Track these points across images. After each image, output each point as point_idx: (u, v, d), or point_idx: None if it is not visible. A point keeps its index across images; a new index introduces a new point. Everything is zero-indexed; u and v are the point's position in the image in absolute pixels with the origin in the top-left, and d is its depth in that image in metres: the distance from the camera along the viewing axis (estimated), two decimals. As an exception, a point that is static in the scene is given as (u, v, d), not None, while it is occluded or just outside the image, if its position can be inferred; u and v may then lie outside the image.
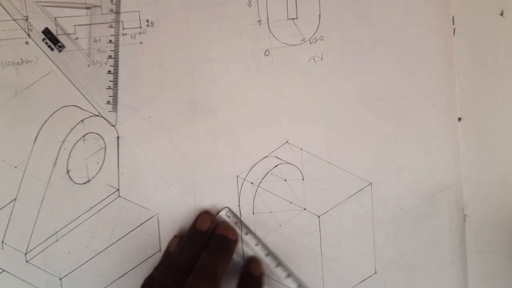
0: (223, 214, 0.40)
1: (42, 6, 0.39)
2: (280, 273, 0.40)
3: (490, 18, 0.39)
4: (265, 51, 0.39)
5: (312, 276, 0.41)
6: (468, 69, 0.39)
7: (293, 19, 0.39)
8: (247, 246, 0.40)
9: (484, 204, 0.40)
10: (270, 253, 0.40)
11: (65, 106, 0.40)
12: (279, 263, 0.40)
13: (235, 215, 0.40)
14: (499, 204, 0.40)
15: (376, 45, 0.39)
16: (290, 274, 0.40)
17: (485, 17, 0.39)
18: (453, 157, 0.40)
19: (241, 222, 0.40)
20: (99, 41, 0.39)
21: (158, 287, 0.35)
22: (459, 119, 0.40)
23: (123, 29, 0.39)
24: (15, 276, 0.40)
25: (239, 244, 0.40)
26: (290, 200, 0.40)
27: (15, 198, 0.40)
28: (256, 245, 0.40)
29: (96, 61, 0.39)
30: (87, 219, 0.40)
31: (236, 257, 0.40)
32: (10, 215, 0.40)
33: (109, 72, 0.39)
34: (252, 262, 0.40)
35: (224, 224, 0.40)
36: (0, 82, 0.39)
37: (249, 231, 0.40)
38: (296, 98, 0.40)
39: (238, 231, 0.40)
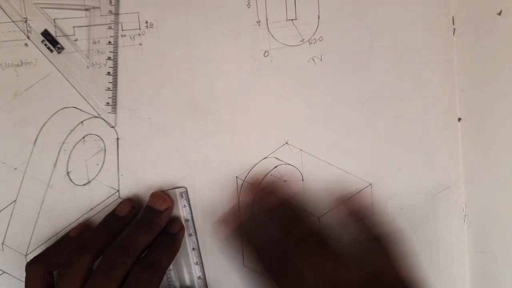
0: (177, 191, 0.39)
1: (41, 7, 0.39)
2: (193, 258, 0.40)
3: (490, 18, 0.39)
4: (264, 52, 0.39)
5: (312, 277, 0.41)
6: (468, 69, 0.39)
7: (292, 20, 0.39)
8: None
9: (484, 204, 0.40)
10: (196, 248, 0.40)
11: (64, 108, 0.40)
12: (195, 248, 0.40)
13: (188, 199, 0.40)
14: (499, 204, 0.40)
15: (375, 45, 0.39)
16: (197, 263, 0.40)
17: (485, 17, 0.39)
18: (453, 157, 0.40)
19: (189, 206, 0.40)
20: (98, 42, 0.39)
21: (65, 265, 0.35)
22: (459, 119, 0.40)
23: (122, 30, 0.39)
24: (15, 277, 0.40)
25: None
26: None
27: (15, 200, 0.40)
28: (190, 235, 0.40)
29: (95, 62, 0.39)
30: (87, 220, 0.40)
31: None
32: (10, 217, 0.40)
33: (108, 73, 0.39)
34: (170, 221, 0.39)
35: (156, 194, 0.39)
36: (0, 84, 0.39)
37: (191, 219, 0.40)
38: (295, 99, 0.40)
39: (171, 202, 0.39)
